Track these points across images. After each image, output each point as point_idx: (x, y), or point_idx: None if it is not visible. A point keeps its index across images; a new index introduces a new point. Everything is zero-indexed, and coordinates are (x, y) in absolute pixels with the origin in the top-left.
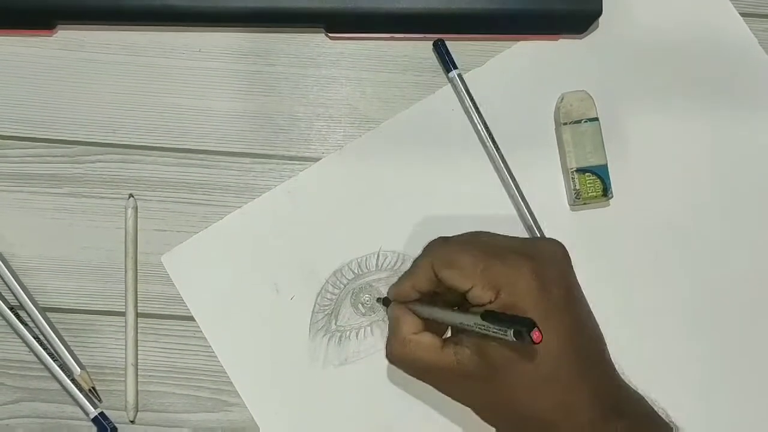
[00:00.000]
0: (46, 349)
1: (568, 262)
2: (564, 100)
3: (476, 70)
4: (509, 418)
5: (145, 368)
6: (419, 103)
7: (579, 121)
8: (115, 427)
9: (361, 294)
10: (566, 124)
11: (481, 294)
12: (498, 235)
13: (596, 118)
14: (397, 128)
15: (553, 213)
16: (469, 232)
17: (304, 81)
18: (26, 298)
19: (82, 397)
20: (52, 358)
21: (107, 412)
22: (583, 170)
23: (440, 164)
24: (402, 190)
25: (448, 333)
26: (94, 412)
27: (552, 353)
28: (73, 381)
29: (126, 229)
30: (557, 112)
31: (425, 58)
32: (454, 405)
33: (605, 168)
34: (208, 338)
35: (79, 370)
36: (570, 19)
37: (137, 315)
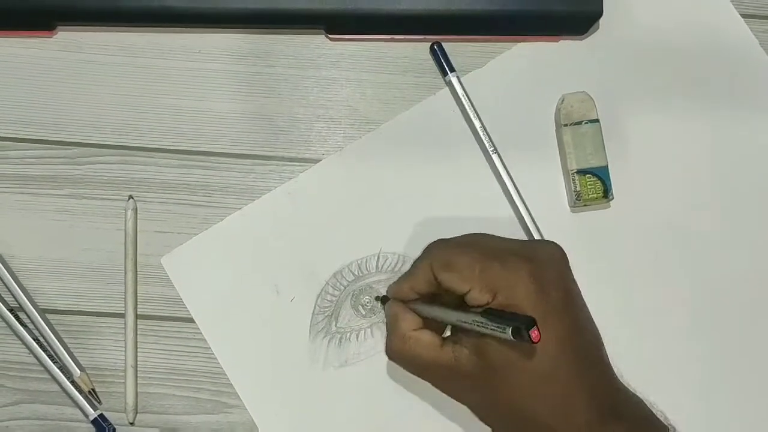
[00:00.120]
0: (45, 350)
1: (567, 264)
2: (564, 102)
3: (476, 71)
4: (506, 419)
5: (145, 370)
6: (419, 105)
7: (579, 123)
8: (114, 428)
9: (361, 296)
10: (567, 126)
11: (479, 296)
12: (497, 237)
13: (597, 120)
14: (397, 130)
15: (554, 215)
16: (469, 234)
17: (304, 82)
18: (26, 300)
19: (82, 399)
20: (52, 360)
21: (107, 414)
22: (583, 172)
23: (440, 165)
24: (402, 192)
25: (447, 333)
26: (93, 414)
27: (550, 354)
28: (73, 383)
29: (126, 231)
30: (558, 113)
31: (425, 60)
32: (454, 407)
33: (606, 169)
34: (208, 340)
35: (79, 371)
36: (570, 20)
37: (137, 317)
